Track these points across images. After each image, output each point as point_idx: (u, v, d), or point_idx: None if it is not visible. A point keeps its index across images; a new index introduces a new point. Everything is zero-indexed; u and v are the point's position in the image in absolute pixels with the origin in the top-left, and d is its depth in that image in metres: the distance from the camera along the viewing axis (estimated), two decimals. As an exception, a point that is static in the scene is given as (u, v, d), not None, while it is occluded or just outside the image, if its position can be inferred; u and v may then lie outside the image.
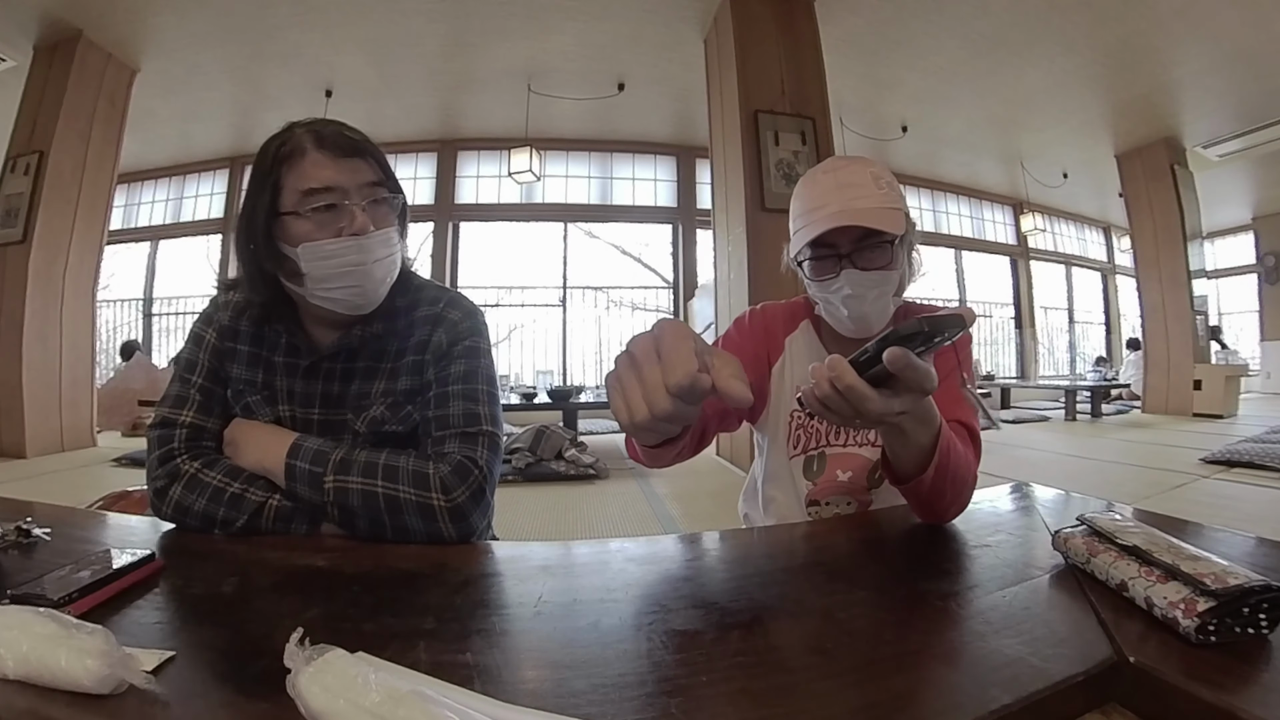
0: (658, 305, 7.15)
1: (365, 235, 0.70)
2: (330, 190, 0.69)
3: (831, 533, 0.76)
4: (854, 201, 0.77)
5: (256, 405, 0.76)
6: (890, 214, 0.78)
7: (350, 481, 0.68)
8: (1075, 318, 9.43)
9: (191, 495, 0.69)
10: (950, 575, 0.58)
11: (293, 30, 4.37)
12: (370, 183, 0.72)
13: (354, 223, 0.69)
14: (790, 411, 0.90)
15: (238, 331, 0.78)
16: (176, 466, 0.71)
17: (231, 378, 0.77)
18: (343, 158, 0.71)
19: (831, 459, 0.88)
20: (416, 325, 0.79)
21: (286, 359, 0.77)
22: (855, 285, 0.78)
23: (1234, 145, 6.21)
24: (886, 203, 0.78)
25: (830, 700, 0.37)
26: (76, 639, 0.36)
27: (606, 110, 5.63)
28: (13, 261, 4.03)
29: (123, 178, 5.17)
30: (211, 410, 0.76)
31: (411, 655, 0.41)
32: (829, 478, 0.88)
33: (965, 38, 4.54)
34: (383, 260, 0.72)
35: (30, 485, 3.15)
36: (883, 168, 0.83)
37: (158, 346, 7.03)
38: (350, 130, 0.74)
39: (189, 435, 0.74)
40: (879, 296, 0.80)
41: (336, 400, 0.77)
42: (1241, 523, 2.25)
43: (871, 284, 0.79)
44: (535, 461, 3.40)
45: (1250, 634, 0.41)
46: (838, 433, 0.88)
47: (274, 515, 0.69)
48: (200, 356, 0.77)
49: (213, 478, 0.70)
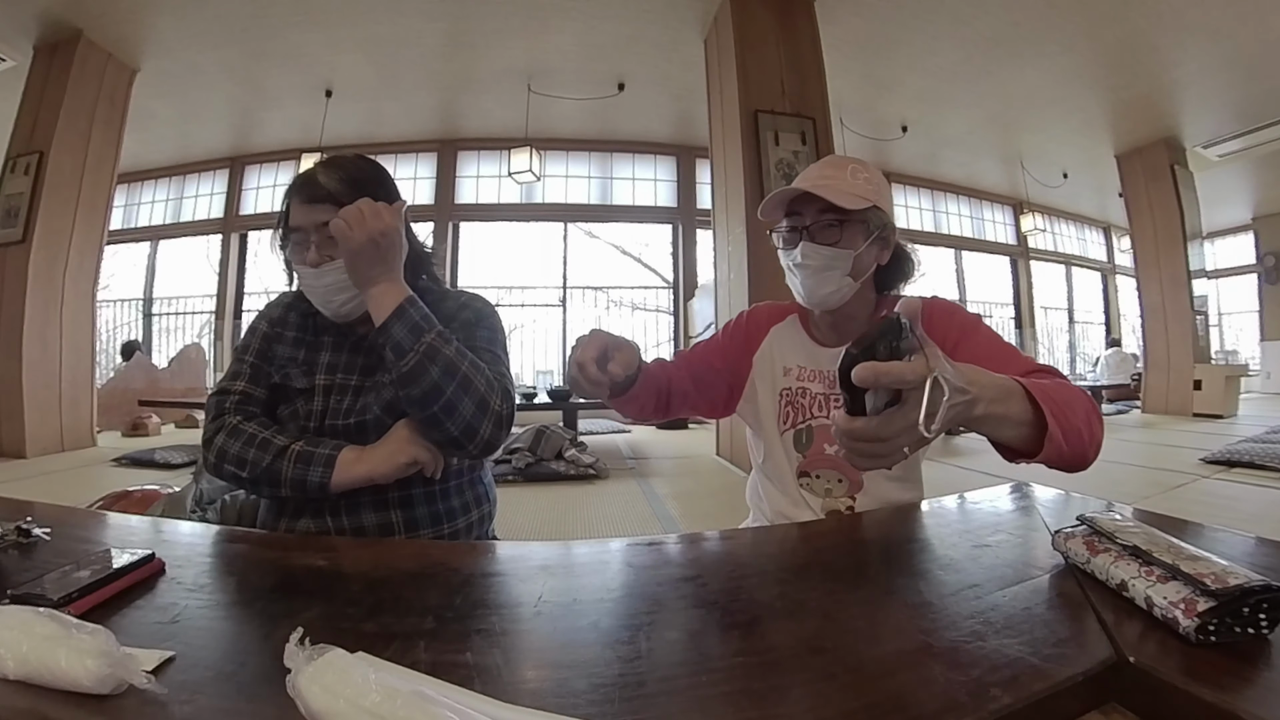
0: (658, 305, 7.16)
1: (316, 267, 0.83)
2: (296, 230, 0.85)
3: (831, 533, 0.76)
4: (821, 180, 0.86)
5: (295, 375, 0.89)
6: (851, 196, 0.84)
7: (445, 349, 0.79)
8: (1075, 318, 9.43)
9: (231, 441, 0.82)
10: (950, 575, 0.58)
11: (293, 30, 4.37)
12: (324, 223, 0.82)
13: (307, 256, 0.84)
14: (780, 390, 0.97)
15: (286, 320, 0.94)
16: (224, 421, 0.84)
17: (277, 355, 0.91)
18: (306, 203, 0.84)
19: (819, 431, 0.93)
20: (443, 311, 0.91)
21: (335, 338, 0.92)
22: (806, 255, 0.86)
23: (1234, 145, 6.21)
24: (853, 189, 0.84)
25: (830, 700, 0.37)
26: (76, 639, 0.36)
27: (606, 110, 5.63)
28: (13, 261, 4.03)
29: (123, 178, 5.17)
30: (259, 382, 0.89)
31: (411, 655, 0.41)
32: (817, 450, 0.93)
33: (965, 38, 4.54)
34: (335, 284, 0.84)
35: (30, 485, 3.15)
36: (871, 169, 0.89)
37: (158, 346, 7.03)
38: (329, 175, 0.85)
39: (239, 400, 0.87)
40: (826, 269, 0.86)
41: (374, 369, 0.89)
42: (1241, 523, 2.25)
43: (820, 256, 0.86)
44: (535, 461, 3.40)
45: (1250, 634, 0.41)
46: (821, 406, 0.93)
47: (295, 458, 0.79)
48: (253, 341, 0.92)
49: (250, 428, 0.83)
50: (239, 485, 0.85)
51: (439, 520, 0.87)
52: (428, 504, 0.86)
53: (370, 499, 0.83)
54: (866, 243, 0.87)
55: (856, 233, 0.86)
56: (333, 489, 0.78)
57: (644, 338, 7.08)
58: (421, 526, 0.86)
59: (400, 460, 0.79)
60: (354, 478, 0.79)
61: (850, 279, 0.87)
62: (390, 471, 0.79)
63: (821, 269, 0.86)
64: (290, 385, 0.88)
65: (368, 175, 0.88)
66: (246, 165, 6.74)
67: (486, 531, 0.98)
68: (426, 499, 0.86)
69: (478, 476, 0.95)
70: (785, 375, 0.97)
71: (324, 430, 0.85)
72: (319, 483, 0.78)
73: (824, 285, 0.87)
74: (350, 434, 0.84)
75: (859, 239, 0.87)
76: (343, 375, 0.89)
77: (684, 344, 6.79)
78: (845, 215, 0.85)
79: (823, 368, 0.94)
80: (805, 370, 0.96)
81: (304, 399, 0.87)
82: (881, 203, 0.87)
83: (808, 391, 0.95)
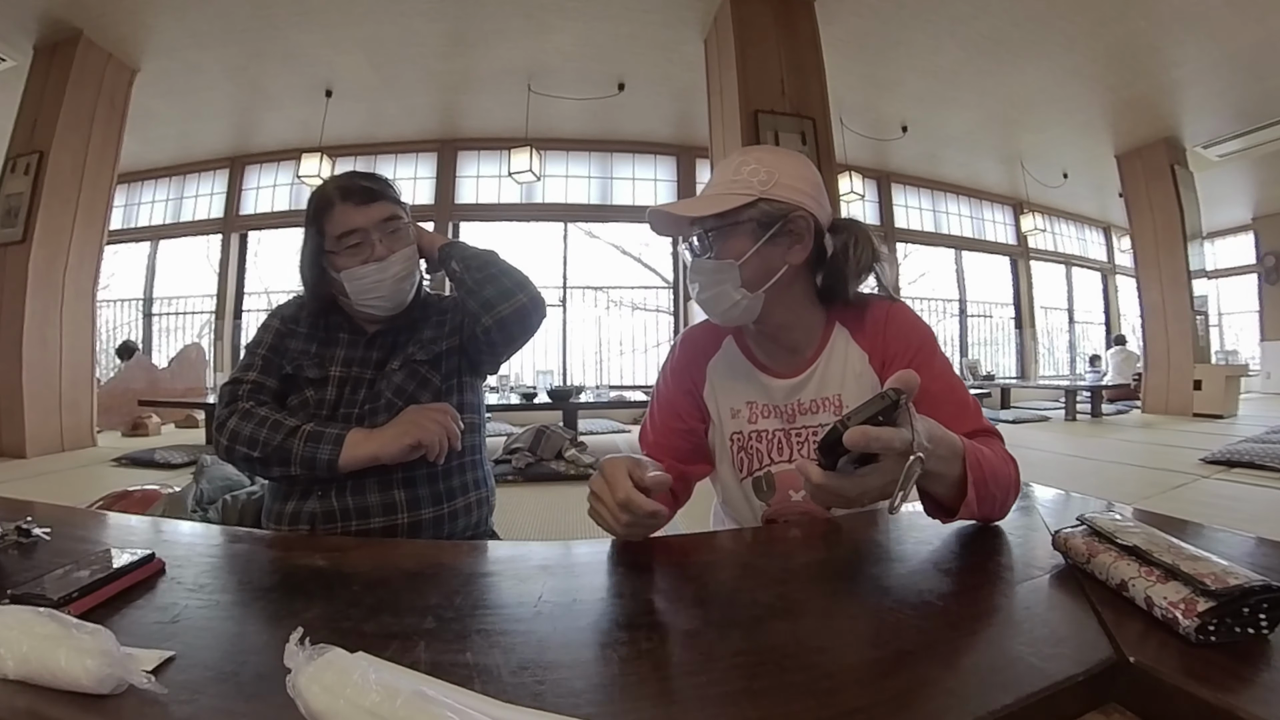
0: (658, 305, 7.15)
1: (384, 260, 0.89)
2: (355, 232, 0.89)
3: (830, 533, 0.76)
4: (680, 204, 0.79)
5: (307, 366, 0.93)
6: (719, 198, 0.75)
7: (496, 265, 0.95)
8: (1075, 318, 9.43)
9: (243, 423, 0.86)
10: (950, 575, 0.58)
11: (293, 30, 4.37)
12: (385, 218, 0.91)
13: (374, 252, 0.89)
14: (730, 434, 0.85)
15: (298, 319, 0.98)
16: (236, 406, 0.88)
17: (290, 349, 0.95)
18: (363, 205, 0.90)
19: (780, 477, 0.83)
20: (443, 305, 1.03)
21: (350, 335, 0.97)
22: (691, 275, 0.80)
23: (1234, 145, 6.21)
24: (730, 188, 0.75)
25: (830, 700, 0.37)
26: (76, 639, 0.36)
27: (606, 110, 5.62)
28: (13, 261, 4.03)
29: (123, 178, 5.17)
30: (271, 373, 0.93)
31: (411, 655, 0.41)
32: (782, 496, 0.83)
33: (965, 38, 4.54)
34: (401, 274, 0.91)
35: (30, 485, 3.14)
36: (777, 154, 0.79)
37: (158, 346, 7.03)
38: (367, 179, 0.92)
39: (251, 389, 0.90)
40: (710, 286, 0.77)
41: (385, 363, 0.95)
42: (1241, 523, 2.25)
43: (701, 272, 0.78)
44: (535, 461, 3.40)
45: (1250, 634, 0.41)
46: (780, 448, 0.83)
47: (305, 437, 0.83)
48: (265, 336, 0.97)
49: (260, 412, 0.87)
50: (249, 466, 0.87)
51: (439, 500, 0.91)
52: (429, 484, 0.91)
53: (375, 479, 0.86)
54: (758, 244, 0.75)
55: (740, 235, 0.75)
56: (340, 467, 0.82)
57: (644, 338, 7.08)
58: (423, 505, 0.89)
59: (405, 442, 0.83)
60: (361, 456, 0.82)
61: (745, 290, 0.76)
62: (396, 452, 0.83)
63: (707, 285, 0.78)
64: (302, 375, 0.92)
65: (387, 180, 0.96)
66: (246, 165, 6.73)
67: (486, 519, 1.01)
68: (429, 479, 0.90)
69: (478, 461, 1.00)
70: (734, 418, 0.85)
71: (335, 418, 0.90)
72: (328, 460, 0.82)
73: (717, 303, 0.78)
74: (362, 419, 0.89)
75: (744, 241, 0.75)
76: (358, 369, 0.94)
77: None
78: (719, 221, 0.75)
79: (778, 402, 0.83)
80: (756, 407, 0.84)
81: (314, 388, 0.91)
82: (778, 191, 0.74)
83: (763, 435, 0.83)
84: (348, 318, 0.98)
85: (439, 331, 0.98)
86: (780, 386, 0.83)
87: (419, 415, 0.86)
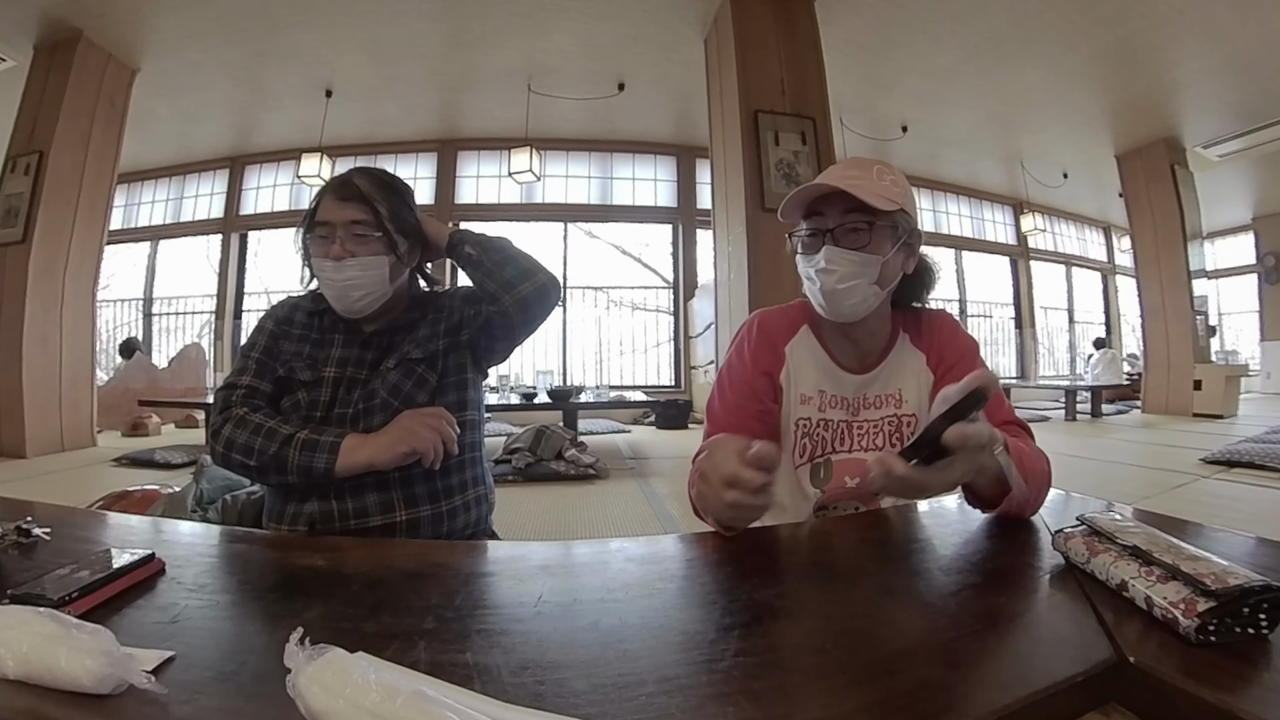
0: (658, 305, 7.15)
1: (340, 261, 0.88)
2: (324, 224, 0.89)
3: (831, 533, 0.76)
4: (846, 180, 0.79)
5: (299, 368, 0.93)
6: (880, 197, 0.78)
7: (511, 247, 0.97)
8: (1075, 318, 9.43)
9: (238, 431, 0.85)
10: (950, 575, 0.58)
11: (293, 30, 4.37)
12: (352, 221, 0.89)
13: (330, 250, 0.88)
14: (796, 419, 0.89)
15: (292, 319, 0.98)
16: (231, 412, 0.87)
17: (282, 351, 0.95)
18: (340, 200, 0.89)
19: (838, 465, 0.88)
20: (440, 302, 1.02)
21: (345, 335, 0.96)
22: (831, 260, 0.80)
23: (1234, 145, 6.21)
24: (880, 190, 0.79)
25: (830, 700, 0.37)
26: (76, 639, 0.36)
27: (606, 110, 5.63)
28: (13, 261, 4.03)
29: (123, 178, 5.17)
30: (265, 376, 0.93)
31: (411, 655, 0.41)
32: (837, 483, 0.88)
33: (965, 38, 4.54)
34: (354, 281, 0.89)
35: (30, 485, 3.15)
36: (896, 172, 0.84)
37: (158, 346, 7.03)
38: (364, 179, 0.91)
39: (245, 394, 0.90)
40: (850, 277, 0.80)
41: (380, 363, 0.94)
42: (1241, 523, 2.25)
43: (846, 262, 0.79)
44: (535, 461, 3.40)
45: (1250, 634, 0.41)
46: (842, 438, 0.89)
47: (301, 445, 0.83)
48: (259, 339, 0.96)
49: (256, 418, 0.86)
50: (246, 474, 0.87)
51: (437, 498, 0.91)
52: (426, 482, 0.91)
53: (373, 480, 0.87)
54: (894, 249, 0.81)
55: (884, 237, 0.80)
56: (337, 474, 0.82)
57: (644, 338, 7.08)
58: (421, 504, 0.90)
59: (400, 449, 0.83)
60: (356, 463, 0.83)
61: (877, 288, 0.81)
62: (391, 459, 0.83)
63: (847, 276, 0.80)
64: (295, 378, 0.92)
65: (399, 183, 0.96)
66: (246, 165, 6.73)
67: (486, 517, 1.01)
68: (425, 478, 0.90)
69: (476, 459, 1.00)
70: (803, 404, 0.89)
71: (330, 419, 0.89)
72: (324, 468, 0.82)
73: (849, 295, 0.81)
74: (357, 419, 0.89)
75: (886, 244, 0.80)
76: (353, 369, 0.93)
77: (684, 344, 6.79)
78: (873, 217, 0.79)
79: (847, 394, 0.89)
80: (827, 397, 0.89)
81: (307, 390, 0.91)
82: (909, 206, 0.82)
83: (830, 424, 0.89)
84: (344, 317, 0.97)
85: (435, 330, 0.97)
86: (851, 380, 0.90)
87: (413, 422, 0.85)
